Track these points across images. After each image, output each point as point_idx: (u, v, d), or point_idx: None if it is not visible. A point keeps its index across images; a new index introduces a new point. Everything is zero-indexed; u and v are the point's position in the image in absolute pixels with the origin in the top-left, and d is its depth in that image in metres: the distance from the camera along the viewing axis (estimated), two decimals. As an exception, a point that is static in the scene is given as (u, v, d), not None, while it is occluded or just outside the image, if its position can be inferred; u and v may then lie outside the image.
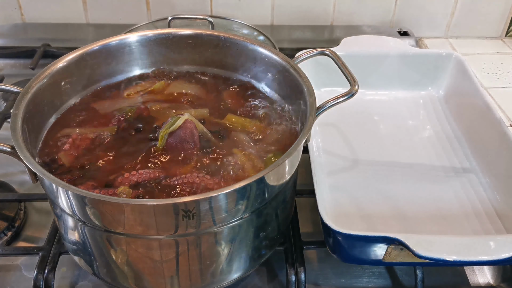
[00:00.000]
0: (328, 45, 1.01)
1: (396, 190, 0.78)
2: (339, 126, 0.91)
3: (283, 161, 0.54)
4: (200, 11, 1.22)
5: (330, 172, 0.81)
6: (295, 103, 0.69)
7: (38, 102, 0.64)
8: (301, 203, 0.77)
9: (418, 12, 1.26)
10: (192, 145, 0.63)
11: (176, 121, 0.62)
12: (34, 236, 0.74)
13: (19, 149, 0.53)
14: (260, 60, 0.74)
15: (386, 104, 0.97)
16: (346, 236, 0.61)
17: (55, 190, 0.53)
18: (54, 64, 0.68)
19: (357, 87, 0.64)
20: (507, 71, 1.16)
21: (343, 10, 1.25)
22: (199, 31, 0.76)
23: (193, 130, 0.63)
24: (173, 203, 0.49)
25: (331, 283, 0.69)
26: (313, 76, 0.76)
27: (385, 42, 0.99)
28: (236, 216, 0.55)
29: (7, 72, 1.10)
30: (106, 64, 0.74)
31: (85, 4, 1.22)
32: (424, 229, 0.72)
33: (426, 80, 0.98)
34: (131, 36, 0.75)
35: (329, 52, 0.71)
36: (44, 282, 0.64)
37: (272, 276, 0.70)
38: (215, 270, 0.59)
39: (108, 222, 0.53)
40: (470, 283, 0.70)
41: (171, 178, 0.59)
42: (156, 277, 0.58)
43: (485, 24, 1.28)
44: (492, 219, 0.74)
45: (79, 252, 0.61)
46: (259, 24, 1.17)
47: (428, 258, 0.57)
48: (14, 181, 0.82)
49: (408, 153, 0.86)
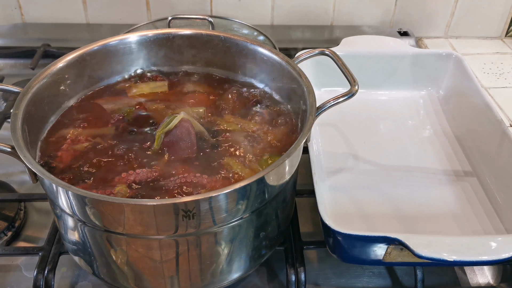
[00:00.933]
0: (328, 45, 1.01)
1: (396, 190, 0.78)
2: (339, 126, 0.91)
3: (283, 161, 0.53)
4: (200, 11, 1.22)
5: (330, 172, 0.81)
6: (295, 103, 0.69)
7: (38, 102, 0.64)
8: (301, 203, 0.77)
9: (418, 12, 1.26)
10: (189, 144, 0.62)
11: (172, 120, 0.62)
12: (34, 236, 0.74)
13: (19, 149, 0.54)
14: (260, 60, 0.74)
15: (386, 104, 0.97)
16: (346, 236, 0.61)
17: (55, 190, 0.53)
18: (54, 64, 0.68)
19: (357, 87, 0.64)
20: (507, 71, 1.16)
21: (343, 10, 1.25)
22: (199, 31, 0.76)
23: (190, 129, 0.63)
24: (173, 203, 0.49)
25: (331, 283, 0.69)
26: (313, 76, 0.76)
27: (385, 42, 0.99)
28: (236, 216, 0.55)
29: (7, 72, 1.10)
30: (106, 64, 0.74)
31: (85, 4, 1.22)
32: (424, 229, 0.72)
33: (426, 80, 0.98)
34: (131, 36, 0.75)
35: (329, 52, 0.71)
36: (44, 282, 0.64)
37: (272, 276, 0.70)
38: (215, 270, 0.59)
39: (108, 222, 0.53)
40: (470, 283, 0.70)
41: (169, 178, 0.59)
42: (156, 277, 0.58)
43: (485, 24, 1.28)
44: (492, 219, 0.74)
45: (79, 252, 0.61)
46: (259, 24, 1.17)
47: (428, 258, 0.57)
48: (14, 181, 0.82)
49: (408, 153, 0.86)
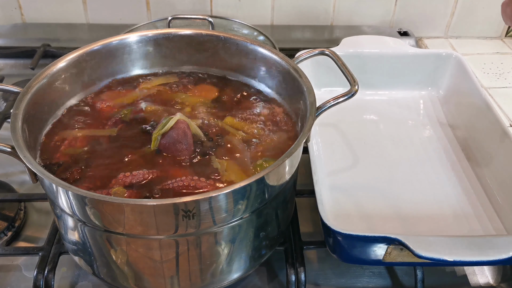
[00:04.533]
0: (328, 45, 1.01)
1: (396, 190, 0.78)
2: (339, 126, 0.91)
3: (283, 161, 0.53)
4: (200, 11, 1.22)
5: (330, 172, 0.81)
6: (295, 103, 0.69)
7: (38, 102, 0.64)
8: (301, 203, 0.77)
9: (418, 12, 1.26)
10: (185, 145, 0.62)
11: (168, 122, 0.62)
12: (34, 236, 0.74)
13: (19, 149, 0.53)
14: (260, 60, 0.74)
15: (386, 104, 0.97)
16: (346, 236, 0.61)
17: (55, 190, 0.53)
18: (54, 64, 0.68)
19: (357, 87, 0.64)
20: (507, 71, 1.16)
21: (343, 10, 1.25)
22: (199, 31, 0.76)
23: (186, 130, 0.62)
24: (173, 203, 0.49)
25: (331, 283, 0.69)
26: (313, 76, 0.76)
27: (385, 42, 0.99)
28: (236, 216, 0.55)
29: (7, 72, 1.10)
30: (106, 64, 0.74)
31: (85, 4, 1.22)
32: (424, 229, 0.72)
33: (426, 80, 0.98)
34: (131, 36, 0.75)
35: (329, 52, 0.71)
36: (44, 282, 0.64)
37: (272, 276, 0.70)
38: (215, 270, 0.59)
39: (108, 222, 0.53)
40: (470, 283, 0.70)
41: (166, 181, 0.59)
42: (156, 277, 0.58)
43: (485, 24, 1.28)
44: (492, 219, 0.74)
45: (79, 252, 0.61)
46: (259, 24, 1.17)
47: (428, 258, 0.57)
48: (14, 181, 0.82)
49: (408, 153, 0.86)
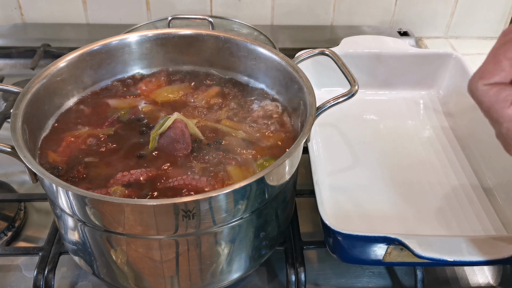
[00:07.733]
0: (328, 45, 1.01)
1: (396, 190, 0.78)
2: (339, 126, 0.91)
3: (283, 161, 0.53)
4: (200, 11, 1.22)
5: (330, 172, 0.81)
6: (295, 103, 0.69)
7: (38, 102, 0.64)
8: (301, 203, 0.77)
9: (418, 12, 1.26)
10: (183, 145, 0.62)
11: (166, 121, 0.62)
12: (34, 236, 0.74)
13: (19, 149, 0.53)
14: (260, 60, 0.74)
15: (386, 104, 0.97)
16: (346, 236, 0.61)
17: (55, 190, 0.53)
18: (54, 64, 0.68)
19: (357, 87, 0.64)
20: (507, 71, 1.16)
21: (343, 10, 1.25)
22: (199, 31, 0.76)
23: (184, 130, 0.62)
24: (173, 203, 0.49)
25: (331, 283, 0.69)
26: (313, 76, 0.76)
27: (385, 42, 0.99)
28: (236, 216, 0.55)
29: (7, 72, 1.10)
30: (106, 64, 0.74)
31: (85, 4, 1.22)
32: (424, 229, 0.72)
33: (426, 80, 0.98)
34: (131, 36, 0.75)
35: (329, 52, 0.71)
36: (44, 282, 0.64)
37: (272, 276, 0.70)
38: (215, 270, 0.59)
39: (108, 222, 0.53)
40: (470, 283, 0.70)
41: (165, 180, 0.59)
42: (156, 277, 0.58)
43: (485, 24, 1.28)
44: (492, 219, 0.74)
45: (79, 252, 0.61)
46: (259, 24, 1.17)
47: (428, 258, 0.57)
48: (14, 181, 0.82)
49: (408, 153, 0.86)
